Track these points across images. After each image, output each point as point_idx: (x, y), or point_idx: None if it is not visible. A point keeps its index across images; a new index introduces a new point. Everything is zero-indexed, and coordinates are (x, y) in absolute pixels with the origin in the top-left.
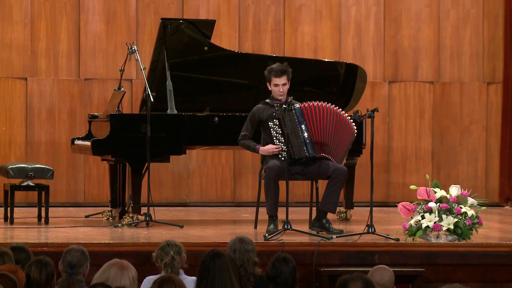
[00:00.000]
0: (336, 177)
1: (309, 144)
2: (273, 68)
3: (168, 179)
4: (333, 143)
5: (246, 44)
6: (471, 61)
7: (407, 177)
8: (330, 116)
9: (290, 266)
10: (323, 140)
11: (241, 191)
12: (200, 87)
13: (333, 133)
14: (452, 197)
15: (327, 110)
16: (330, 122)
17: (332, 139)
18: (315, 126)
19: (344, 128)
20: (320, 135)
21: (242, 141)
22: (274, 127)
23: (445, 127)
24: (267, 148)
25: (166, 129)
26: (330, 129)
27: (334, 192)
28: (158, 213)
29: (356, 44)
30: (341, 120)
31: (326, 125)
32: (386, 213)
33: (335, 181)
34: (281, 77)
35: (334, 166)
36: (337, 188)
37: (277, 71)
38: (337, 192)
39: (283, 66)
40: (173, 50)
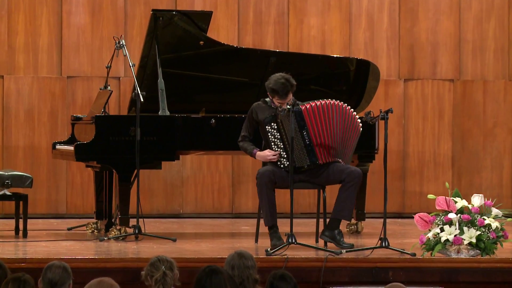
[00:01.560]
0: (351, 181)
1: (310, 151)
2: (277, 90)
3: (159, 187)
4: (342, 145)
5: (246, 38)
6: (496, 56)
7: (424, 185)
8: (336, 116)
9: (290, 284)
10: (329, 144)
11: (241, 201)
12: (195, 85)
13: (340, 134)
14: (474, 207)
15: (332, 109)
16: (336, 122)
17: (340, 141)
18: (319, 129)
19: (350, 125)
20: (325, 139)
21: (241, 143)
22: (272, 131)
23: (466, 129)
24: (264, 154)
25: (157, 132)
26: (337, 130)
27: (348, 197)
28: (148, 226)
29: (368, 38)
30: (347, 117)
31: (332, 127)
32: (401, 225)
33: (349, 185)
34: (286, 98)
35: (347, 169)
36: (352, 192)
37: (283, 94)
38: (352, 198)
39: (287, 85)
40: (165, 44)
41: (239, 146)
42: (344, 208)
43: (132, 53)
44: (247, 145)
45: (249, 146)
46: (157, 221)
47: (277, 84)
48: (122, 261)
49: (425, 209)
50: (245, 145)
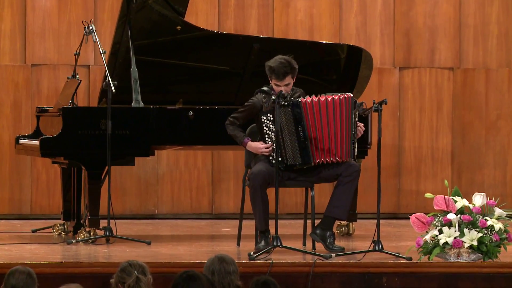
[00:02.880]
0: (348, 175)
1: (304, 149)
2: (274, 69)
3: (132, 186)
4: (343, 144)
5: (227, 23)
6: (499, 43)
7: (421, 183)
8: (340, 113)
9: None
10: (328, 143)
11: (221, 200)
12: (172, 74)
13: (343, 133)
14: (475, 207)
15: (338, 105)
16: (340, 120)
17: (342, 140)
18: (318, 127)
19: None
20: (325, 137)
21: (231, 127)
22: (267, 123)
23: (467, 122)
24: (256, 145)
25: (130, 125)
26: (340, 129)
27: (344, 194)
28: (120, 227)
29: (360, 22)
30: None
31: (335, 125)
32: (396, 227)
33: (346, 181)
34: (284, 79)
35: (344, 163)
36: (348, 189)
37: (279, 74)
38: (348, 194)
39: (286, 65)
40: (139, 30)
41: (227, 129)
42: (338, 205)
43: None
44: (238, 131)
45: (239, 132)
46: (130, 223)
47: (276, 62)
48: (91, 266)
49: (422, 209)
50: (235, 130)
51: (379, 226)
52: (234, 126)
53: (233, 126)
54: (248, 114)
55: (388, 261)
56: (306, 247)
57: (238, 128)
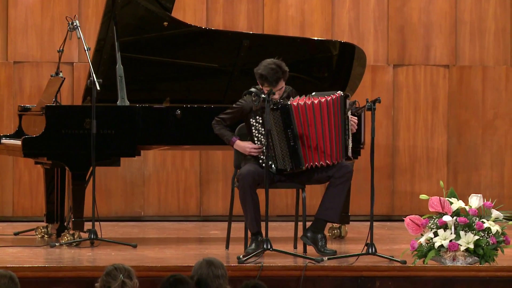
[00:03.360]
0: (340, 176)
1: (294, 153)
2: (267, 77)
3: (118, 187)
4: (335, 146)
5: (215, 19)
6: (496, 39)
7: (416, 184)
8: (329, 114)
9: None
10: (319, 146)
11: (209, 202)
12: (159, 72)
13: (334, 134)
14: (472, 209)
15: (326, 107)
16: (329, 122)
17: (333, 142)
18: (308, 130)
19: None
20: (315, 141)
21: (218, 127)
22: (256, 125)
23: (463, 121)
24: (244, 145)
25: (115, 124)
26: (330, 131)
27: (336, 195)
28: (105, 230)
29: (353, 18)
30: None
31: (324, 128)
32: (390, 230)
33: (338, 182)
34: (277, 85)
35: (338, 164)
36: (340, 190)
37: (272, 81)
38: (340, 196)
39: (278, 71)
40: (125, 26)
41: (214, 129)
42: (330, 207)
43: (87, 35)
44: (225, 130)
45: (227, 131)
46: (115, 225)
47: (267, 69)
48: (75, 269)
49: (416, 211)
50: (223, 130)
51: (373, 229)
52: (220, 125)
53: (220, 125)
54: (236, 116)
55: (382, 265)
56: (297, 250)
57: (226, 127)
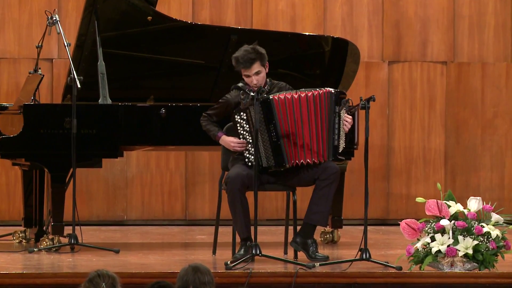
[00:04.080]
0: (326, 178)
1: (277, 149)
2: (238, 58)
3: (99, 190)
4: (321, 144)
5: (202, 13)
6: (496, 35)
7: (412, 186)
8: (315, 110)
9: None
10: (306, 143)
11: (195, 205)
12: (142, 69)
13: (320, 131)
14: (471, 212)
15: (312, 101)
16: (315, 117)
17: (319, 139)
18: (292, 125)
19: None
20: (300, 137)
21: (205, 123)
22: (241, 122)
23: (462, 121)
24: (229, 140)
25: (97, 124)
26: (316, 127)
27: (322, 198)
28: (86, 235)
29: (346, 12)
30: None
31: (310, 123)
32: (385, 234)
33: (324, 184)
34: (252, 66)
35: (323, 165)
36: (326, 193)
37: (245, 61)
38: (328, 199)
39: (251, 52)
40: (107, 20)
41: (202, 125)
42: (317, 211)
43: (67, 30)
44: (212, 126)
45: (213, 127)
46: (97, 229)
47: (240, 52)
48: (55, 276)
49: (413, 214)
50: (209, 125)
51: (367, 233)
52: (209, 121)
53: (208, 121)
54: (222, 111)
55: (376, 271)
56: (288, 255)
57: (212, 122)
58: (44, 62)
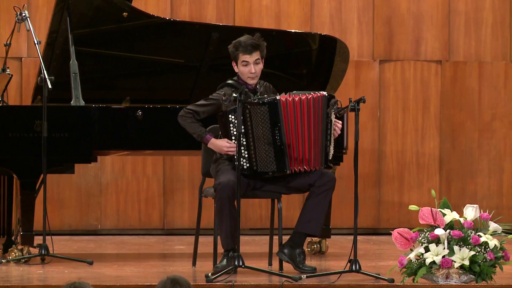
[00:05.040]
0: (321, 185)
1: (280, 155)
2: (240, 42)
3: (72, 197)
4: (317, 150)
5: (181, 9)
6: (494, 32)
7: (405, 193)
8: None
9: None
10: (303, 149)
11: (174, 214)
12: (117, 68)
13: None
14: (467, 221)
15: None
16: (314, 122)
17: (316, 145)
18: (293, 130)
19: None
20: (300, 142)
21: (189, 120)
22: (235, 123)
23: (458, 123)
24: (220, 143)
25: (69, 127)
26: (314, 133)
27: (317, 206)
28: (58, 245)
29: (335, 8)
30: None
31: (309, 129)
32: (376, 244)
33: (319, 191)
34: (252, 53)
35: (318, 172)
36: (322, 200)
37: (247, 45)
38: (322, 207)
39: (255, 39)
40: (80, 17)
41: (182, 120)
42: (311, 219)
43: (37, 27)
44: (197, 125)
45: (198, 127)
46: (69, 239)
47: (242, 37)
48: None
49: (405, 223)
50: (194, 124)
51: (356, 243)
52: (193, 119)
53: (192, 118)
54: (211, 110)
55: (367, 284)
56: (272, 267)
57: (197, 121)
58: (12, 61)
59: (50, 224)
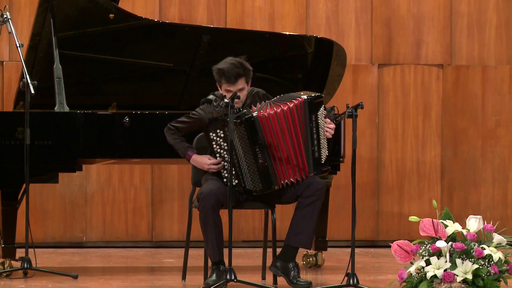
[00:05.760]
0: (311, 195)
1: (265, 173)
2: (224, 71)
3: (56, 208)
4: (303, 159)
5: (170, 10)
6: (498, 34)
7: (405, 204)
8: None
9: None
10: (291, 160)
11: (163, 225)
12: (104, 72)
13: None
14: (470, 233)
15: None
16: (295, 132)
17: (302, 154)
18: (278, 143)
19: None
20: (286, 154)
21: (172, 136)
22: (218, 140)
23: (460, 130)
24: (202, 160)
25: (53, 134)
26: (297, 142)
27: (306, 217)
28: (41, 258)
29: (331, 10)
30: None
31: (294, 139)
32: (374, 257)
33: (307, 202)
34: (237, 83)
35: (306, 181)
36: (310, 211)
37: (230, 76)
38: (311, 218)
39: (239, 66)
40: (64, 18)
41: (167, 135)
42: (300, 232)
43: (19, 29)
44: (180, 142)
45: (181, 143)
46: (53, 252)
47: (226, 64)
48: None
49: (405, 235)
50: (177, 141)
51: (354, 256)
52: (177, 135)
53: (176, 134)
54: (192, 127)
55: None
56: (266, 281)
57: (181, 137)
58: None
59: (33, 236)
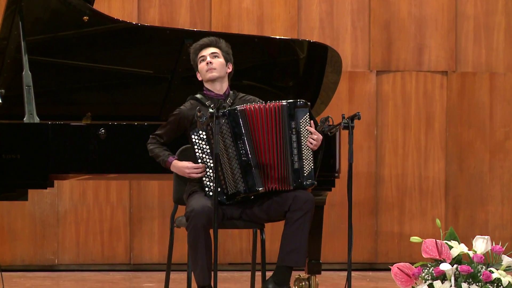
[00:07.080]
0: (296, 210)
1: (248, 171)
2: (196, 44)
3: (25, 228)
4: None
5: (150, 12)
6: (507, 39)
7: (406, 223)
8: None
9: None
10: (275, 164)
11: (142, 246)
12: (77, 80)
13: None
14: (477, 255)
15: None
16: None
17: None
18: (261, 141)
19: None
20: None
21: (152, 146)
22: (199, 143)
23: (466, 143)
24: (182, 165)
25: (21, 147)
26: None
27: (296, 233)
28: (9, 282)
29: (326, 12)
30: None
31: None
32: (373, 281)
33: (296, 217)
34: (207, 48)
35: (291, 194)
36: (300, 226)
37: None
38: (302, 233)
39: (211, 38)
40: (34, 21)
41: (148, 148)
42: (291, 250)
43: None
44: (160, 149)
45: (161, 151)
46: (22, 276)
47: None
48: None
49: (407, 257)
50: (157, 149)
51: (351, 280)
52: (157, 143)
53: (156, 143)
54: (173, 128)
55: None
56: None
57: (160, 145)
58: None
59: (0, 258)
